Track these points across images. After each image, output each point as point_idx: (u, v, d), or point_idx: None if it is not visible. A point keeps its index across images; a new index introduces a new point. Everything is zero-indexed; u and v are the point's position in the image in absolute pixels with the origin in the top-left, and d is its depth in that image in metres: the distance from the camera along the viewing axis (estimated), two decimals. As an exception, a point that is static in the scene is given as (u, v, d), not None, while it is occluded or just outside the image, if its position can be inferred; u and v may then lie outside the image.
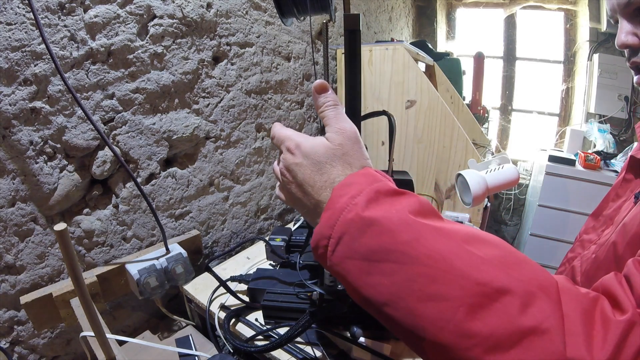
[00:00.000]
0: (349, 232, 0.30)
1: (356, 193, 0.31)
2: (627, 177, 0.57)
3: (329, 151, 0.35)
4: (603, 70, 2.13)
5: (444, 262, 0.27)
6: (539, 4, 2.37)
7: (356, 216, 0.30)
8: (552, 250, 2.01)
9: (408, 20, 2.49)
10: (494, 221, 2.73)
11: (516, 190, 2.56)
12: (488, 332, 0.26)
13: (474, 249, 0.28)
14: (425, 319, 0.27)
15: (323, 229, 0.32)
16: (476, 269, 0.27)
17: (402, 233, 0.28)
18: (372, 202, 0.30)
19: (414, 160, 1.23)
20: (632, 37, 0.44)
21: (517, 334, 0.25)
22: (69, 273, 0.47)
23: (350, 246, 0.30)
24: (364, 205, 0.30)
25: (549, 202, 2.00)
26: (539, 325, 0.25)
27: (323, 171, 0.35)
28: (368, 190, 0.31)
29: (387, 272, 0.28)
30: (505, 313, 0.26)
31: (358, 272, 0.30)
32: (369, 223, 0.29)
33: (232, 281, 0.77)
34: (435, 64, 1.72)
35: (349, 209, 0.30)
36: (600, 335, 0.25)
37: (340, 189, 0.32)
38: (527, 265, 0.29)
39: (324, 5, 0.50)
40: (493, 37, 2.63)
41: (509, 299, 0.26)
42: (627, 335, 0.25)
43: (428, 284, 0.27)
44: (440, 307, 0.27)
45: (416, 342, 0.29)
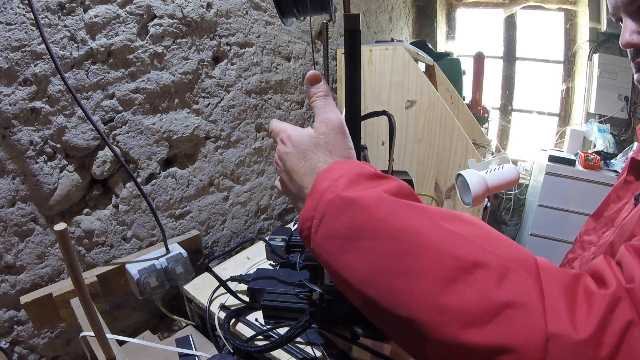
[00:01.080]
0: (330, 212, 0.31)
1: (338, 176, 0.32)
2: (627, 179, 0.57)
3: (312, 140, 0.37)
4: (603, 70, 2.13)
5: (418, 237, 0.28)
6: (539, 4, 2.37)
7: (336, 196, 0.31)
8: (552, 250, 2.00)
9: (408, 20, 2.49)
10: (494, 221, 2.73)
11: (516, 190, 2.56)
12: (463, 307, 0.25)
13: (451, 226, 0.28)
14: (401, 295, 0.27)
15: (307, 211, 0.33)
16: (452, 244, 0.27)
17: (378, 210, 0.29)
18: (352, 184, 0.31)
19: (414, 160, 1.23)
20: (637, 36, 0.44)
21: (493, 308, 0.24)
22: (69, 273, 0.47)
23: (331, 226, 0.31)
24: (344, 187, 0.31)
25: (549, 202, 2.00)
26: (517, 298, 0.25)
27: (307, 158, 0.37)
28: (350, 173, 0.32)
29: (364, 250, 0.29)
30: (480, 287, 0.25)
31: (338, 251, 0.30)
32: (347, 202, 0.30)
33: (232, 281, 0.77)
34: (435, 64, 1.72)
35: (330, 190, 0.31)
36: (584, 309, 0.25)
37: (324, 173, 0.33)
38: (505, 242, 0.28)
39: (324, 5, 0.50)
40: (493, 37, 2.62)
41: (485, 273, 0.26)
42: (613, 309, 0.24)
43: (403, 258, 0.27)
44: (416, 282, 0.27)
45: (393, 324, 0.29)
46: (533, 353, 0.23)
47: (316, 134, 0.37)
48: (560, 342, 0.23)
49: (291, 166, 0.38)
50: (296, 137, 0.38)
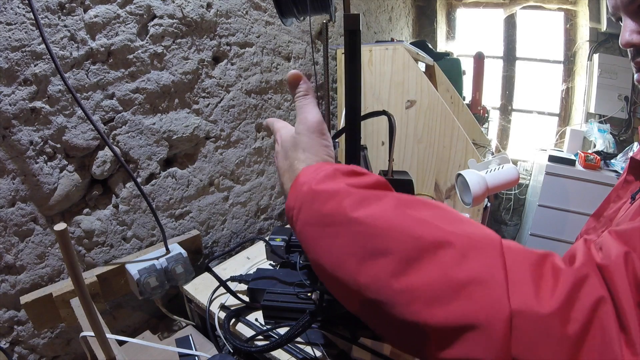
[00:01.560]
0: (306, 202, 0.34)
1: (318, 171, 0.35)
2: (628, 179, 0.57)
3: (292, 139, 0.40)
4: (603, 70, 2.13)
5: (382, 221, 0.29)
6: (539, 4, 2.37)
7: (309, 189, 0.34)
8: (552, 249, 1.99)
9: (408, 20, 2.49)
10: (494, 221, 2.73)
11: (516, 190, 2.56)
12: (427, 285, 0.26)
13: (413, 211, 0.30)
14: (368, 276, 0.28)
15: (289, 201, 0.36)
16: (414, 226, 0.28)
17: (345, 198, 0.31)
18: (328, 178, 0.34)
19: (414, 160, 1.23)
20: (636, 35, 0.43)
21: (456, 286, 0.25)
22: (69, 273, 0.47)
23: (307, 214, 0.33)
24: (319, 180, 0.34)
25: (549, 202, 2.00)
26: (478, 275, 0.25)
27: (287, 156, 0.40)
28: (328, 169, 0.35)
29: (334, 235, 0.31)
30: (443, 265, 0.26)
31: (314, 237, 0.33)
32: (318, 192, 0.33)
33: (232, 281, 0.77)
34: (435, 64, 1.72)
35: (307, 184, 0.34)
36: (550, 285, 0.24)
37: (307, 169, 0.36)
38: (469, 224, 0.29)
39: (324, 5, 0.50)
40: (493, 37, 2.62)
41: (446, 251, 0.26)
42: (580, 285, 0.24)
43: (367, 241, 0.29)
44: (381, 263, 0.28)
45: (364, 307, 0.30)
46: (498, 328, 0.23)
47: (295, 134, 0.40)
48: (525, 317, 0.23)
49: (278, 164, 0.42)
50: (284, 137, 0.41)
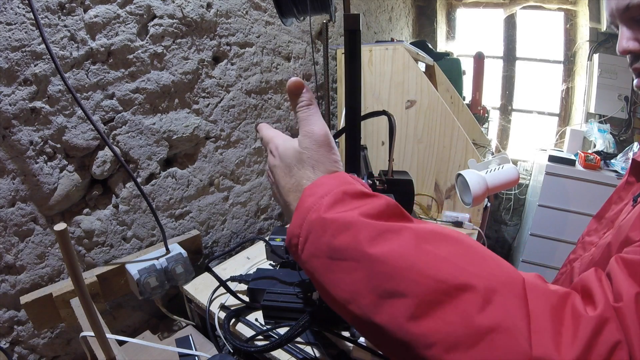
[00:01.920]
0: (314, 231, 0.31)
1: (324, 193, 0.32)
2: (629, 180, 0.57)
3: (296, 154, 0.36)
4: (603, 70, 2.13)
5: (401, 260, 0.27)
6: (539, 4, 2.37)
7: (319, 217, 0.31)
8: (552, 250, 2.00)
9: (408, 20, 2.49)
10: (494, 221, 2.73)
11: (516, 190, 2.56)
12: (447, 331, 0.25)
13: (433, 248, 0.28)
14: (385, 316, 0.27)
15: (293, 228, 0.33)
16: (434, 267, 0.27)
17: (361, 231, 0.29)
18: (337, 203, 0.31)
19: (414, 160, 1.23)
20: (633, 42, 0.44)
21: (478, 333, 0.24)
22: (69, 273, 0.47)
23: (315, 244, 0.31)
24: (328, 206, 0.31)
25: (549, 202, 2.00)
26: (501, 323, 0.24)
27: (292, 174, 0.36)
28: (335, 191, 0.32)
29: (347, 270, 0.29)
30: (464, 310, 0.25)
31: (323, 270, 0.31)
32: (329, 223, 0.30)
33: (232, 281, 0.77)
34: (435, 64, 1.72)
35: (314, 210, 0.31)
36: (570, 332, 0.24)
37: (310, 189, 0.33)
38: (491, 261, 0.28)
39: (324, 5, 0.50)
40: (493, 37, 2.62)
41: (469, 296, 0.25)
42: (599, 331, 0.24)
43: (386, 281, 0.27)
44: (399, 304, 0.27)
45: (381, 341, 0.29)
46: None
47: (300, 148, 0.36)
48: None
49: (278, 180, 0.38)
50: (283, 150, 0.37)
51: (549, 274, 1.97)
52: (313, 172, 0.35)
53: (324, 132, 0.36)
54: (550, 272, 1.98)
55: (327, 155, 0.36)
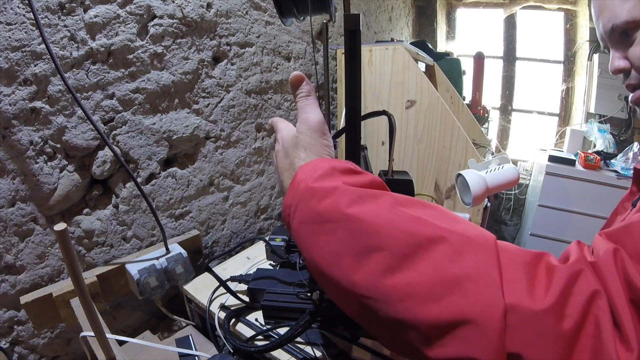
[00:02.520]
0: (302, 200, 0.34)
1: (315, 169, 0.35)
2: (632, 190, 0.58)
3: (293, 139, 0.40)
4: (603, 70, 2.13)
5: (377, 218, 0.29)
6: (539, 4, 2.37)
7: (306, 186, 0.34)
8: (552, 250, 1.99)
9: (408, 20, 2.49)
10: (494, 221, 2.73)
11: (516, 190, 2.56)
12: (420, 281, 0.26)
13: (409, 209, 0.30)
14: (363, 273, 0.28)
15: (287, 199, 0.36)
16: (408, 223, 0.28)
17: (342, 196, 0.31)
18: (325, 176, 0.34)
19: (414, 160, 1.23)
20: (623, 61, 0.46)
21: (450, 282, 0.25)
22: (69, 273, 0.47)
23: (303, 212, 0.33)
24: (317, 178, 0.34)
25: (549, 202, 2.00)
26: (473, 272, 0.25)
27: (287, 155, 0.40)
28: (325, 167, 0.35)
29: (328, 231, 0.31)
30: (437, 261, 0.26)
31: (309, 234, 0.33)
32: (314, 190, 0.33)
33: (232, 281, 0.77)
34: (435, 64, 1.72)
35: (304, 181, 0.34)
36: (544, 282, 0.25)
37: (304, 167, 0.36)
38: (465, 222, 0.29)
39: (324, 5, 0.50)
40: (493, 37, 2.62)
41: (441, 248, 0.26)
42: (574, 280, 0.24)
43: (362, 238, 0.29)
44: (375, 259, 0.28)
45: (357, 306, 0.30)
46: (492, 324, 0.23)
47: (297, 133, 0.40)
48: (519, 313, 0.23)
49: (278, 163, 0.42)
50: (285, 137, 0.42)
51: (549, 274, 1.98)
52: (305, 152, 0.39)
53: (318, 120, 0.40)
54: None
55: (320, 140, 0.39)
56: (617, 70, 0.46)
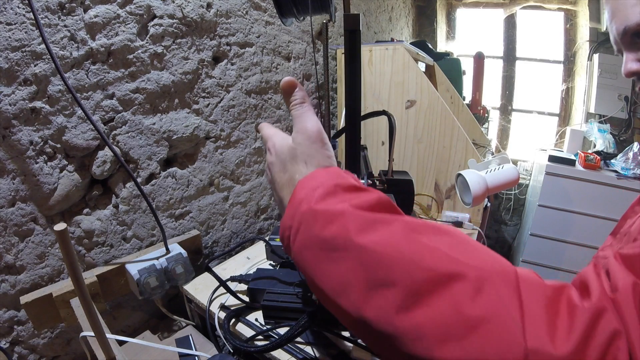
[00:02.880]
0: (305, 222, 0.31)
1: (316, 186, 0.32)
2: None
3: (290, 151, 0.37)
4: (603, 70, 2.13)
5: (390, 249, 0.27)
6: (539, 4, 2.37)
7: (309, 208, 0.30)
8: (552, 250, 2.00)
9: (408, 20, 2.49)
10: (494, 221, 2.72)
11: (516, 190, 2.56)
12: (438, 321, 0.24)
13: (424, 238, 0.28)
14: (374, 308, 0.26)
15: (285, 220, 0.33)
16: (424, 256, 0.26)
17: (350, 223, 0.29)
18: (328, 195, 0.31)
19: (414, 160, 1.23)
20: (636, 64, 0.45)
21: (470, 323, 0.24)
22: (69, 273, 0.47)
23: (306, 236, 0.31)
24: (318, 198, 0.31)
25: (549, 202, 2.00)
26: (494, 312, 0.24)
27: (286, 169, 0.37)
28: (327, 184, 0.32)
29: (337, 260, 0.28)
30: (456, 300, 0.24)
31: (314, 262, 0.30)
32: (319, 214, 0.30)
33: (232, 281, 0.77)
34: (435, 64, 1.72)
35: (305, 201, 0.31)
36: (566, 324, 0.24)
37: (302, 182, 0.33)
38: (483, 253, 0.27)
39: (324, 5, 0.50)
40: (493, 37, 2.62)
41: (460, 285, 0.25)
42: (595, 322, 0.23)
43: (375, 270, 0.27)
44: (388, 295, 0.26)
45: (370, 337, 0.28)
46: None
47: (294, 145, 0.37)
48: (541, 358, 0.22)
49: (274, 176, 0.38)
50: (279, 147, 0.38)
51: (549, 274, 1.97)
52: (306, 166, 0.35)
53: (316, 129, 0.37)
54: (550, 272, 1.98)
55: (320, 151, 0.36)
56: (630, 73, 0.45)
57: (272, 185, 0.39)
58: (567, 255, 1.92)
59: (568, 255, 1.92)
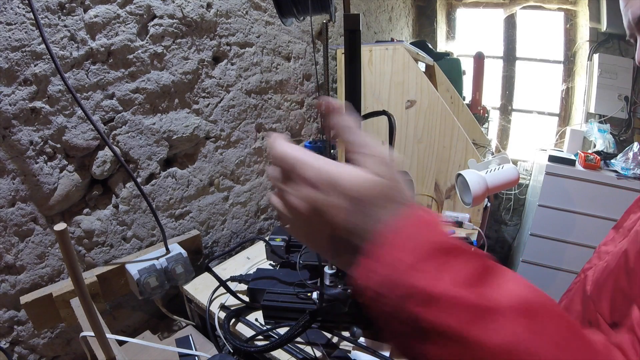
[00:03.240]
0: (395, 292, 0.25)
1: (406, 246, 0.25)
2: None
3: (376, 187, 0.27)
4: (603, 70, 2.13)
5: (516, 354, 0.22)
6: (539, 4, 2.37)
7: (399, 278, 0.25)
8: (552, 250, 2.00)
9: (408, 20, 2.49)
10: (494, 221, 2.72)
11: (516, 190, 2.56)
12: None
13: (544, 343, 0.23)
14: None
15: (363, 280, 0.26)
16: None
17: (457, 310, 0.23)
18: (422, 261, 0.25)
19: (414, 160, 1.23)
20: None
21: None
22: (69, 273, 0.47)
23: (395, 308, 0.25)
24: (413, 265, 0.25)
25: (549, 202, 2.00)
26: None
27: (369, 213, 0.27)
28: (419, 244, 0.25)
29: (439, 345, 0.24)
30: None
31: (404, 336, 0.25)
32: (415, 289, 0.24)
33: (232, 281, 0.77)
34: (435, 64, 1.72)
35: (396, 265, 0.25)
36: None
37: (387, 236, 0.26)
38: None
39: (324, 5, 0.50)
40: (493, 37, 2.62)
41: None
42: None
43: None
44: None
45: None
46: None
47: (381, 180, 0.27)
48: None
49: (339, 222, 0.27)
50: (344, 183, 0.27)
51: (549, 274, 1.97)
52: (396, 204, 0.27)
53: (392, 156, 0.29)
54: (550, 272, 1.98)
55: (402, 185, 0.28)
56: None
57: (329, 229, 0.28)
58: (567, 255, 1.93)
59: (568, 255, 1.92)
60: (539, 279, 1.97)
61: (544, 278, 1.96)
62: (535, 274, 2.00)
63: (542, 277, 1.97)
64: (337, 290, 0.59)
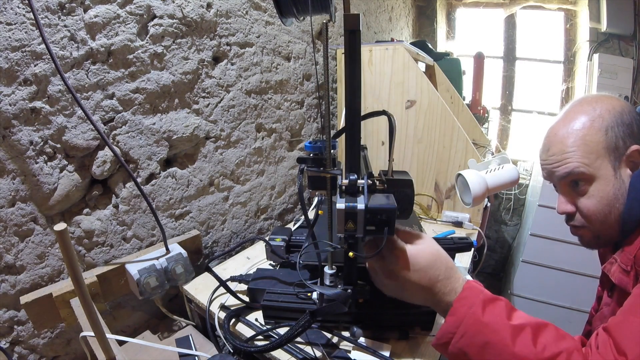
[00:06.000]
0: (468, 332, 0.44)
1: (471, 304, 0.45)
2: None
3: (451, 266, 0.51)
4: (603, 70, 2.13)
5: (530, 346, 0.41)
6: (539, 4, 2.37)
7: (476, 321, 0.44)
8: (552, 250, 2.00)
9: (408, 20, 2.49)
10: (494, 221, 2.72)
11: (516, 190, 2.56)
12: None
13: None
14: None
15: (449, 327, 0.46)
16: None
17: (501, 333, 0.42)
18: (482, 310, 0.44)
19: (414, 160, 1.23)
20: (570, 206, 0.57)
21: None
22: (69, 273, 0.47)
23: (468, 342, 0.44)
24: (478, 315, 0.44)
25: (549, 202, 1.99)
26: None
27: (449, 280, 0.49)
28: (478, 302, 0.45)
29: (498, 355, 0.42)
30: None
31: (475, 355, 0.44)
32: (483, 326, 0.43)
33: (232, 281, 0.77)
34: (435, 64, 1.72)
35: (468, 316, 0.44)
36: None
37: (459, 301, 0.47)
38: None
39: (324, 5, 0.50)
40: (493, 37, 2.62)
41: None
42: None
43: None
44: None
45: None
46: None
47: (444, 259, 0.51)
48: None
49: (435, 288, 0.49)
50: (445, 260, 0.51)
51: (549, 274, 1.97)
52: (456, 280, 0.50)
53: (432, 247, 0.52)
54: (550, 272, 1.97)
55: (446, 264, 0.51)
56: (564, 213, 0.58)
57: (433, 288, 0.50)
58: (567, 255, 1.92)
59: (568, 255, 1.92)
60: (539, 279, 1.97)
61: (544, 278, 1.96)
62: (535, 274, 2.00)
63: (542, 277, 1.97)
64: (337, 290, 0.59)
